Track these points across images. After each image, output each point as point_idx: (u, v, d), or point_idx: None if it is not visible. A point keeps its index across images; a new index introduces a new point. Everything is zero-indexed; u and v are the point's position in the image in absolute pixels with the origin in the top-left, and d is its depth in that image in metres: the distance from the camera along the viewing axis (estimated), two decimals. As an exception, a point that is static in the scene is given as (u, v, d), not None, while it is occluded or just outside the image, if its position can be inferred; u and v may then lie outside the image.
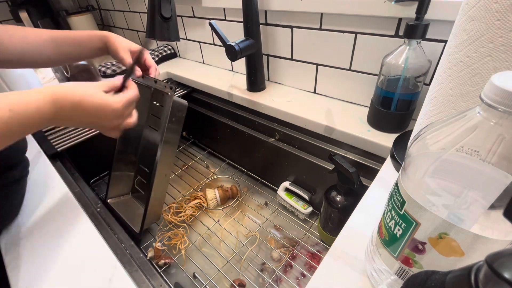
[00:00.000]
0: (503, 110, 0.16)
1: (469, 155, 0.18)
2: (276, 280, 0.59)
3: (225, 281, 0.59)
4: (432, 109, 0.36)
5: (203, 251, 0.65)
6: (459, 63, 0.31)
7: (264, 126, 0.72)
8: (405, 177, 0.22)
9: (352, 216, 0.38)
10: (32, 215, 0.44)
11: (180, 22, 0.93)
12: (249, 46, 0.65)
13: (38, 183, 0.50)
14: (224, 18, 0.78)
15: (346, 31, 0.57)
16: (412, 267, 0.24)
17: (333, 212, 0.55)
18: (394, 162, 0.45)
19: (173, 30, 0.55)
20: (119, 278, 0.35)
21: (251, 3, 0.62)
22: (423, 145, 0.21)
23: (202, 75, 0.87)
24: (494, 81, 0.17)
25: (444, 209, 0.19)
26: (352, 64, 0.60)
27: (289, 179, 0.74)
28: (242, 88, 0.76)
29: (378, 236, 0.27)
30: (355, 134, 0.54)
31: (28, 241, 0.40)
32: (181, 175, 0.88)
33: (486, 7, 0.27)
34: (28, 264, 0.37)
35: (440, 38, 0.47)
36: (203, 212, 0.75)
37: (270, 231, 0.69)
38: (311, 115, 0.61)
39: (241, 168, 0.88)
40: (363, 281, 0.30)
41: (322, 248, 0.64)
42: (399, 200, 0.23)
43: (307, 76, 0.69)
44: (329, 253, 0.34)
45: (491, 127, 0.17)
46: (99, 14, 1.33)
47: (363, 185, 0.50)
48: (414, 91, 0.48)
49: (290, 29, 0.66)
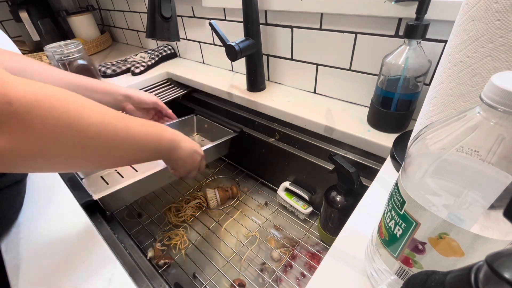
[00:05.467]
0: (503, 110, 0.16)
1: (469, 155, 0.18)
2: (276, 280, 0.59)
3: (225, 281, 0.59)
4: (432, 109, 0.36)
5: (203, 251, 0.65)
6: (459, 63, 0.31)
7: (264, 126, 0.72)
8: (405, 177, 0.22)
9: (352, 216, 0.38)
10: (32, 215, 0.44)
11: (180, 22, 0.93)
12: (249, 46, 0.65)
13: (38, 183, 0.50)
14: (224, 18, 0.78)
15: (346, 31, 0.57)
16: (412, 267, 0.24)
17: (333, 212, 0.55)
18: (394, 162, 0.45)
19: (173, 30, 0.56)
20: (119, 278, 0.35)
21: (251, 3, 0.62)
22: (423, 145, 0.21)
23: (202, 75, 0.87)
24: (494, 81, 0.17)
25: (444, 209, 0.19)
26: (352, 64, 0.60)
27: (289, 179, 0.74)
28: (242, 88, 0.76)
29: (378, 236, 0.27)
30: (355, 134, 0.54)
31: (28, 241, 0.40)
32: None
33: (486, 7, 0.27)
34: (28, 264, 0.37)
35: (440, 38, 0.47)
36: (203, 212, 0.75)
37: (270, 231, 0.69)
38: (311, 115, 0.61)
39: (241, 168, 0.88)
40: (363, 281, 0.30)
41: (322, 248, 0.64)
42: (399, 200, 0.23)
43: (307, 76, 0.69)
44: (329, 253, 0.34)
45: (491, 127, 0.17)
46: (99, 14, 1.33)
47: (363, 185, 0.50)
48: (414, 91, 0.48)
49: (290, 29, 0.66)
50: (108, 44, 1.28)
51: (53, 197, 0.47)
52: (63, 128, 0.26)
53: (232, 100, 0.77)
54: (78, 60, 0.80)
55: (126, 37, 1.27)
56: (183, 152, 0.46)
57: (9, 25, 1.23)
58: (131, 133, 0.34)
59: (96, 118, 0.30)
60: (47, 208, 0.45)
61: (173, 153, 0.45)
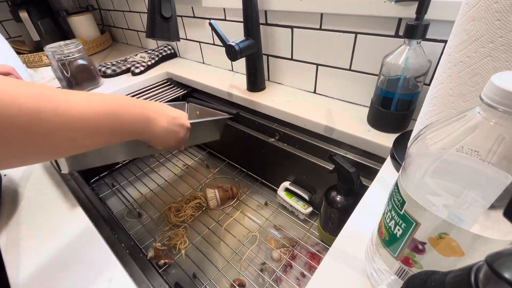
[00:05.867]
0: (503, 110, 0.16)
1: (469, 155, 0.18)
2: (276, 280, 0.59)
3: (225, 281, 0.59)
4: (432, 109, 0.36)
5: (203, 251, 0.65)
6: (459, 63, 0.31)
7: (264, 126, 0.72)
8: (405, 177, 0.22)
9: (352, 216, 0.38)
10: (31, 215, 0.44)
11: (180, 22, 0.93)
12: (249, 46, 0.65)
13: (38, 183, 0.50)
14: (224, 18, 0.78)
15: (346, 31, 0.57)
16: (412, 267, 0.24)
17: (333, 212, 0.55)
18: (394, 162, 0.45)
19: (173, 30, 0.56)
20: (119, 278, 0.35)
21: (251, 3, 0.62)
22: (423, 145, 0.21)
23: (202, 75, 0.87)
24: (494, 81, 0.17)
25: (444, 209, 0.19)
26: (352, 64, 0.60)
27: (289, 179, 0.74)
28: (242, 88, 0.76)
29: (378, 236, 0.27)
30: (355, 134, 0.54)
31: (28, 241, 0.40)
32: (181, 175, 0.88)
33: (486, 7, 0.27)
34: (28, 264, 0.37)
35: (440, 38, 0.47)
36: (203, 212, 0.75)
37: (270, 231, 0.69)
38: (311, 115, 0.61)
39: (241, 168, 0.88)
40: (363, 281, 0.30)
41: (322, 248, 0.64)
42: (399, 200, 0.23)
43: (307, 76, 0.69)
44: (329, 253, 0.34)
45: (491, 127, 0.17)
46: (99, 14, 1.33)
47: (363, 185, 0.50)
48: (414, 91, 0.48)
49: (290, 29, 0.66)
50: (108, 44, 1.28)
51: (53, 198, 0.47)
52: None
53: (232, 100, 0.77)
54: (78, 60, 0.80)
55: (126, 37, 1.27)
56: (157, 130, 0.42)
57: (9, 25, 1.22)
58: (69, 114, 0.28)
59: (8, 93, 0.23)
60: (47, 208, 0.45)
61: (145, 133, 0.40)
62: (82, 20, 1.15)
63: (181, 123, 0.46)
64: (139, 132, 0.39)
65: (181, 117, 0.47)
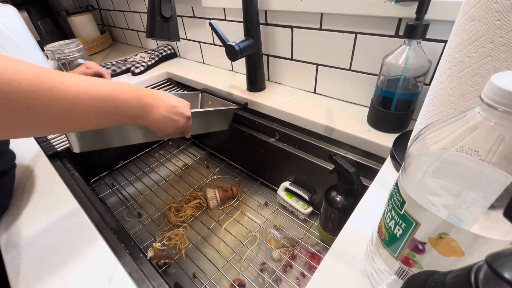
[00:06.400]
0: (503, 110, 0.16)
1: (469, 155, 0.18)
2: (276, 280, 0.59)
3: (225, 281, 0.59)
4: (432, 109, 0.36)
5: (203, 251, 0.65)
6: (459, 63, 0.31)
7: (264, 126, 0.72)
8: (405, 177, 0.22)
9: (352, 216, 0.38)
10: (32, 215, 0.44)
11: (180, 22, 0.93)
12: (249, 46, 0.65)
13: (38, 183, 0.50)
14: (224, 18, 0.78)
15: (346, 31, 0.57)
16: (412, 267, 0.24)
17: (333, 212, 0.55)
18: (394, 162, 0.45)
19: (173, 30, 0.56)
20: (119, 278, 0.35)
21: (251, 3, 0.62)
22: (423, 145, 0.21)
23: (202, 75, 0.87)
24: (494, 81, 0.17)
25: (444, 209, 0.19)
26: (352, 64, 0.60)
27: (289, 179, 0.74)
28: (242, 88, 0.76)
29: (378, 236, 0.27)
30: (355, 134, 0.54)
31: (28, 241, 0.40)
32: (181, 175, 0.88)
33: (486, 7, 0.27)
34: (28, 264, 0.37)
35: (440, 38, 0.47)
36: (203, 212, 0.75)
37: (270, 231, 0.69)
38: (311, 115, 0.61)
39: (241, 168, 0.88)
40: (363, 281, 0.30)
41: (322, 248, 0.64)
42: (399, 200, 0.23)
43: (307, 76, 0.69)
44: (329, 253, 0.34)
45: (491, 127, 0.17)
46: (99, 14, 1.33)
47: (363, 185, 0.50)
48: (414, 91, 0.48)
49: (290, 29, 0.66)
50: (108, 44, 1.28)
51: (53, 198, 0.47)
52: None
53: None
54: (78, 60, 0.80)
55: (126, 37, 1.27)
56: (156, 117, 0.42)
57: (9, 25, 1.22)
58: (64, 94, 0.29)
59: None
60: (47, 208, 0.45)
61: (143, 118, 0.41)
62: (82, 20, 1.15)
63: (181, 112, 0.47)
64: (137, 117, 0.40)
65: (180, 106, 0.47)
